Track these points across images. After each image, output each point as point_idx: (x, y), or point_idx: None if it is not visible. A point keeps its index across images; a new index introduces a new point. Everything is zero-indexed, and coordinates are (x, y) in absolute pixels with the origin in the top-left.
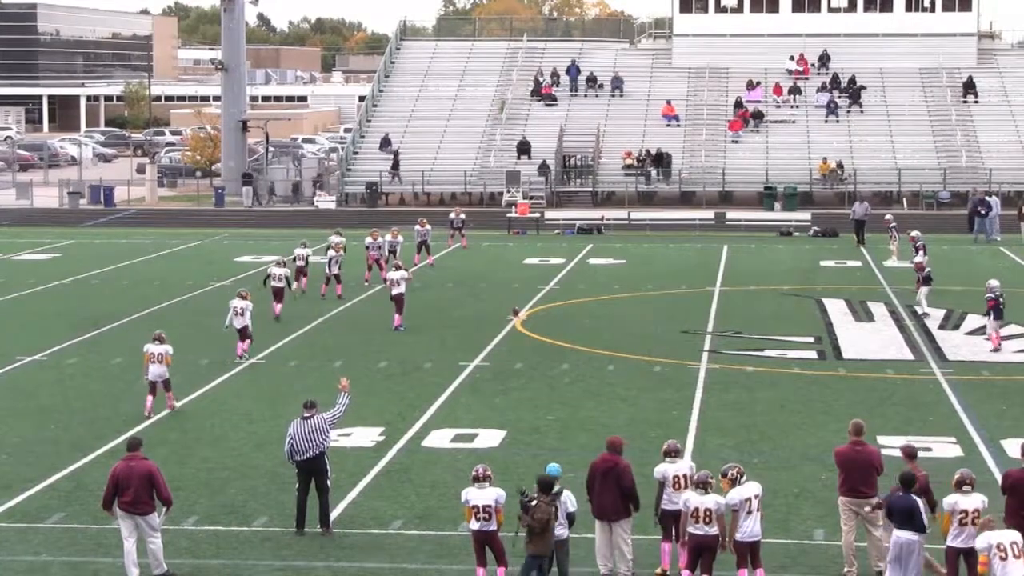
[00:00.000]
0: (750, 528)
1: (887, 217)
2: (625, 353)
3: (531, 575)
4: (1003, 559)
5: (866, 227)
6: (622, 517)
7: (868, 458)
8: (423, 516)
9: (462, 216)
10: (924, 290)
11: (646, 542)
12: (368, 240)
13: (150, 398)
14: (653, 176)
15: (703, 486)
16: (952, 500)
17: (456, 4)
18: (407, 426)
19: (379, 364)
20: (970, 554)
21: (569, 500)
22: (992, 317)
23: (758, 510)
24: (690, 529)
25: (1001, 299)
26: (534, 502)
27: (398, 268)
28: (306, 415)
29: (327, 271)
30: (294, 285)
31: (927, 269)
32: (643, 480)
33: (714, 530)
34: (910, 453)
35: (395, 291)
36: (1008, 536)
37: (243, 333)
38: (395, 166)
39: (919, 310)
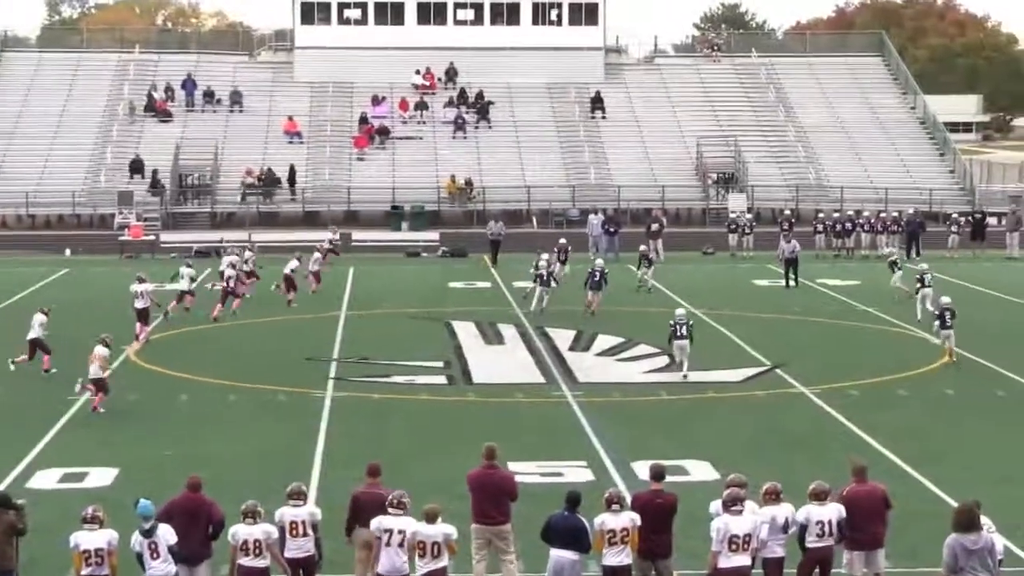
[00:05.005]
0: (612, 560)
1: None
2: (247, 383)
3: None
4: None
5: (500, 247)
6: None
7: (500, 482)
8: (25, 565)
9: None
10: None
11: None
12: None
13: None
14: (278, 194)
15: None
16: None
17: (61, 13)
18: (8, 468)
19: None
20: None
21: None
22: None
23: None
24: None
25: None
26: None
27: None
28: None
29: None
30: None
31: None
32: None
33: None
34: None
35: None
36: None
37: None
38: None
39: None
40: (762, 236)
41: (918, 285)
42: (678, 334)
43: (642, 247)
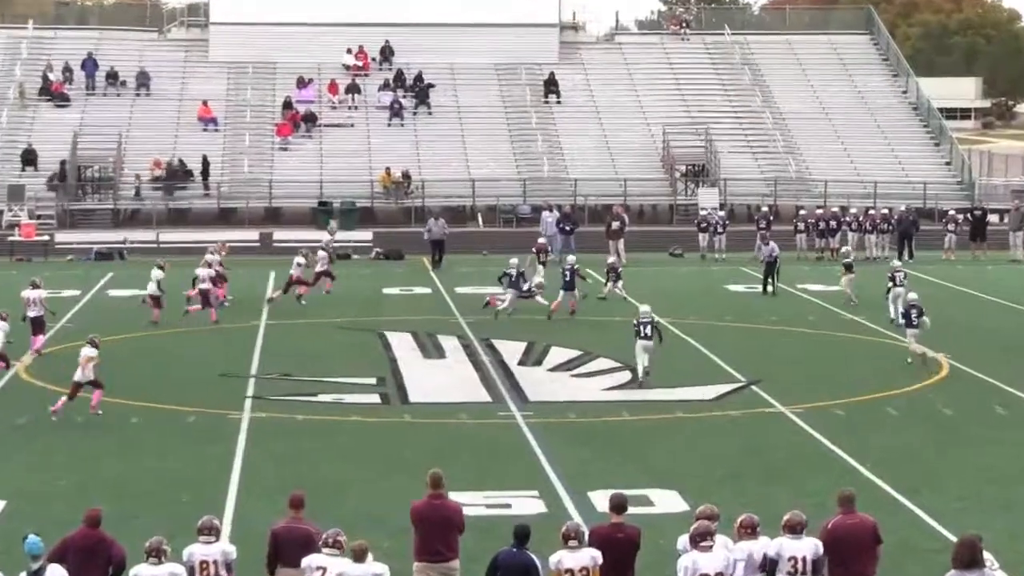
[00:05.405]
0: None
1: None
2: (152, 402)
3: None
4: None
5: (444, 248)
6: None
7: (448, 514)
8: None
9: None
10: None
11: None
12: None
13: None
14: (191, 188)
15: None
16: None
17: None
18: None
19: None
20: None
21: None
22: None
23: None
24: None
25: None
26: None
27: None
28: None
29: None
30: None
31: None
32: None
33: None
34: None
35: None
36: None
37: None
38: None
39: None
40: (736, 236)
41: (890, 284)
42: (642, 334)
43: (610, 259)
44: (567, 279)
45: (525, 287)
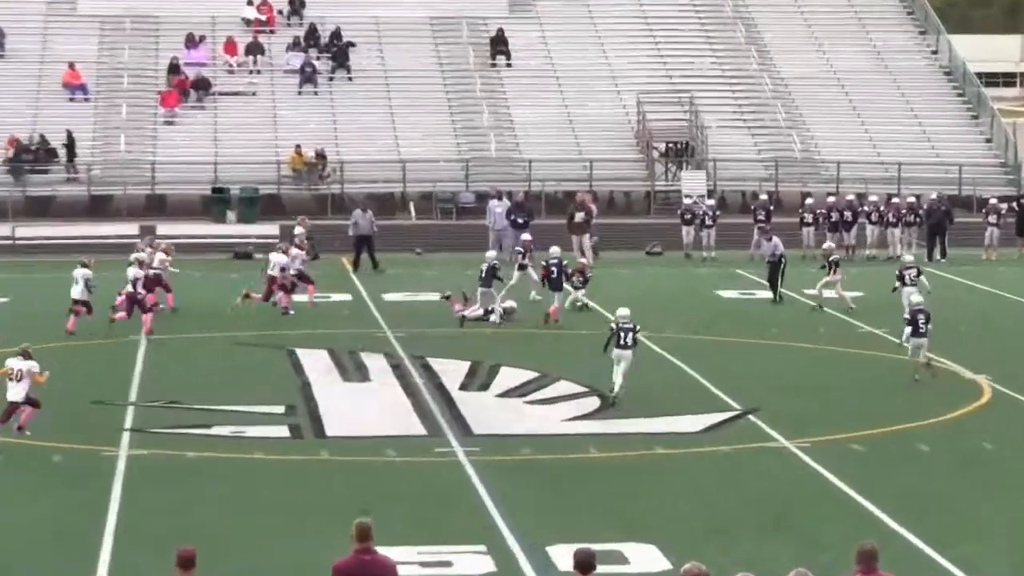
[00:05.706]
0: None
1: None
2: (9, 436)
3: None
4: None
5: (374, 245)
6: None
7: (380, 572)
8: None
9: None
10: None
11: None
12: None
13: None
14: (53, 171)
15: None
16: None
17: None
18: None
19: None
20: None
21: None
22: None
23: None
24: None
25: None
26: None
27: None
28: None
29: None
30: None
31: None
32: None
33: None
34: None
35: None
36: None
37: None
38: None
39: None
40: (728, 230)
41: (897, 283)
42: (620, 341)
43: (581, 259)
44: (553, 276)
45: (488, 309)
